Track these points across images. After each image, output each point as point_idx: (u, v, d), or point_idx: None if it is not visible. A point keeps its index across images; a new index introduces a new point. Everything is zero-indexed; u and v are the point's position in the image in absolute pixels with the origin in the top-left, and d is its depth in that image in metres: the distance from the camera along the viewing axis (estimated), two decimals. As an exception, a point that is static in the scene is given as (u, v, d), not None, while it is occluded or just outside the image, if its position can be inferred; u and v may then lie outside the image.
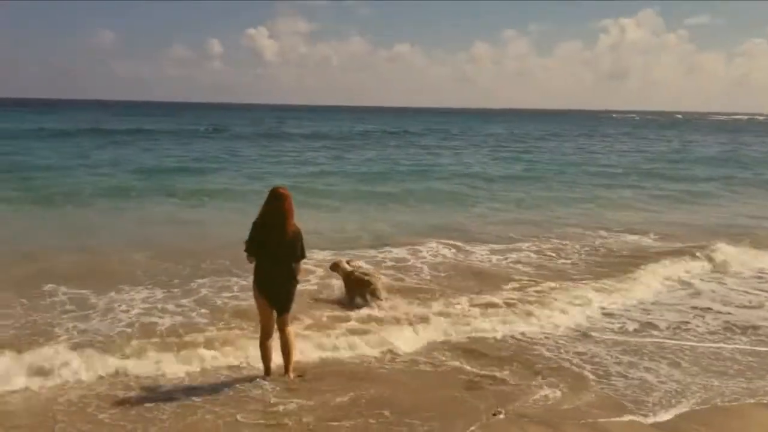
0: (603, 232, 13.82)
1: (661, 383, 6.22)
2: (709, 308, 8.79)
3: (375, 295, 8.13)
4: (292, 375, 6.01)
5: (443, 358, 6.76)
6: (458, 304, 8.42)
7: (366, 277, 8.30)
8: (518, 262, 11.10)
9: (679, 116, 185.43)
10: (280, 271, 5.90)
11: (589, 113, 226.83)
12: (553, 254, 11.70)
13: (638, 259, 11.26)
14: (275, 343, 6.05)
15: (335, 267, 8.66)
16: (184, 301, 8.18)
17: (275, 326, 6.00)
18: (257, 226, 5.87)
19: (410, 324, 7.52)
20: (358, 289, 8.23)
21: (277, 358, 6.10)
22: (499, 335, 7.48)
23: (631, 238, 13.41)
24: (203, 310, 7.88)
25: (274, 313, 5.97)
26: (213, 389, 5.79)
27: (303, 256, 6.01)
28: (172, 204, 16.38)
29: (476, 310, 8.17)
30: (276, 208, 5.82)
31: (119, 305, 7.94)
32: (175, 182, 20.11)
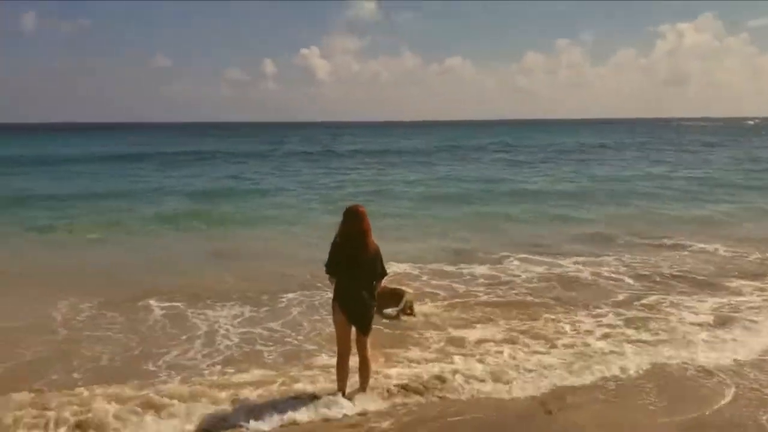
0: (691, 245, 13.25)
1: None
2: None
3: (406, 305, 8.24)
4: (367, 392, 5.87)
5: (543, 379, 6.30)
6: (569, 318, 8.22)
7: (396, 289, 8.39)
8: (614, 273, 10.75)
9: (751, 122, 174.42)
10: (361, 289, 5.75)
11: (650, 121, 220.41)
12: (643, 265, 11.29)
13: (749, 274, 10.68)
14: (352, 364, 5.89)
15: None
16: (272, 325, 8.08)
17: (353, 346, 5.85)
18: (337, 246, 5.76)
19: (521, 343, 7.28)
20: (388, 301, 8.29)
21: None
22: (620, 354, 6.97)
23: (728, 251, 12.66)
24: (300, 336, 7.71)
25: (352, 332, 5.83)
26: (289, 407, 5.59)
27: (384, 274, 5.92)
28: (238, 224, 16.45)
29: (594, 327, 7.91)
30: (355, 226, 5.70)
31: (218, 327, 7.91)
32: (238, 203, 20.28)
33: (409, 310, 8.32)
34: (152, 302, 8.84)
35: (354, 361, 5.87)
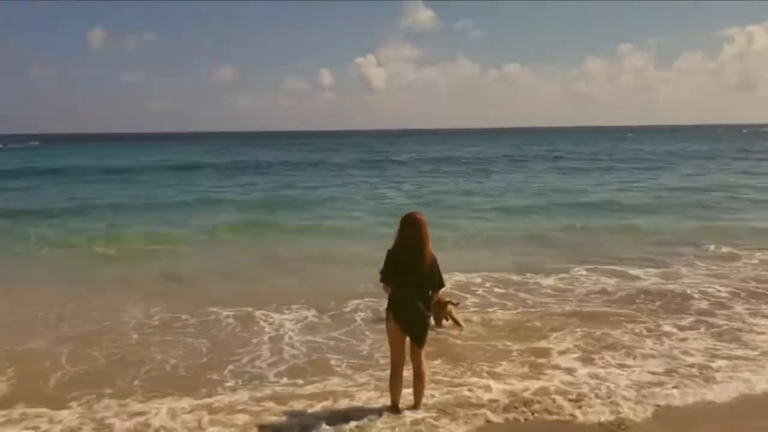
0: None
1: None
2: None
3: (452, 317, 8.05)
4: (422, 409, 5.69)
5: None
6: (654, 332, 7.83)
7: (444, 300, 8.05)
8: (691, 284, 10.20)
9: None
10: (417, 299, 5.53)
11: (718, 127, 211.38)
12: (721, 276, 10.70)
13: None
14: (406, 376, 5.73)
15: None
16: (337, 334, 7.99)
17: (406, 357, 5.66)
18: (393, 254, 5.55)
19: (604, 357, 6.99)
20: (440, 312, 8.06)
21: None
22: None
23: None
24: (365, 346, 7.58)
25: (407, 343, 5.62)
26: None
27: (442, 285, 5.67)
28: (295, 233, 16.53)
29: (679, 342, 7.49)
30: (412, 234, 5.50)
31: (283, 333, 7.93)
32: (294, 212, 20.37)
33: (450, 319, 8.08)
34: (218, 308, 8.92)
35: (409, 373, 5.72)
